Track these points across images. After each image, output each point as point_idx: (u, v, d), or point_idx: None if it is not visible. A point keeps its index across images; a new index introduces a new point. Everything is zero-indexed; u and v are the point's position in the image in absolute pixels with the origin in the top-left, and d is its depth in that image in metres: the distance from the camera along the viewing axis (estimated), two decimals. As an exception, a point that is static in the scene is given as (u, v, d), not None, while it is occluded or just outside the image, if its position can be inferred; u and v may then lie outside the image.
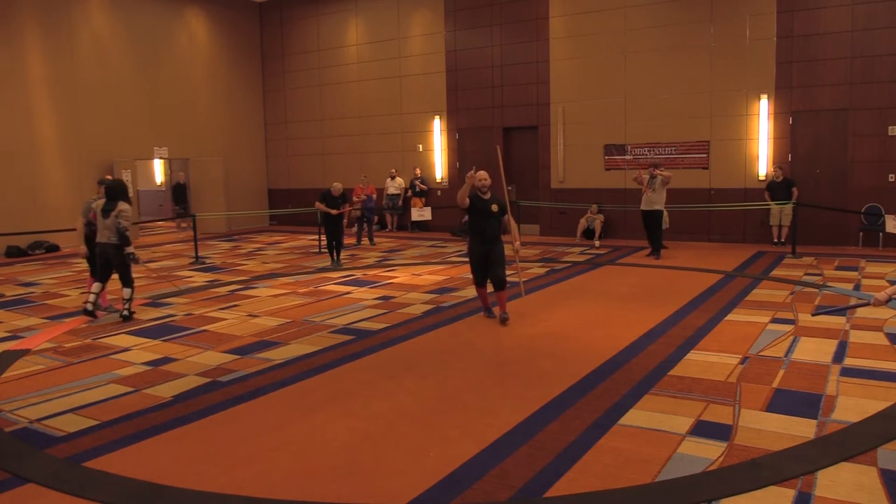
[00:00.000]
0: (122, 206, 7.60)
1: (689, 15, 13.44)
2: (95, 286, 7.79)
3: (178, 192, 16.58)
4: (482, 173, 7.35)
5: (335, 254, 11.57)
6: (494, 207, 7.17)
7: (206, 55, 18.20)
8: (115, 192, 7.69)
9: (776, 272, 9.96)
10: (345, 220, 11.81)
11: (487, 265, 7.20)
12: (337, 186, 11.64)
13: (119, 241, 7.55)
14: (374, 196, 14.92)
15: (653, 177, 11.35)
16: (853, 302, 7.17)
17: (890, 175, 12.07)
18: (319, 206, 11.45)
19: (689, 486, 3.56)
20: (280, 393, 5.22)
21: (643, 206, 11.55)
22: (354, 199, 14.76)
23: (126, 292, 7.79)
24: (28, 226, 13.66)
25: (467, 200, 7.16)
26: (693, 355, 5.87)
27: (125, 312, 7.76)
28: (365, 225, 14.80)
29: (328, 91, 18.38)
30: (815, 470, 3.69)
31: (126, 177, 13.60)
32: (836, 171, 12.55)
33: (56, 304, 8.80)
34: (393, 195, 16.53)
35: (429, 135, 16.78)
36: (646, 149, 14.10)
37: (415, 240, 15.18)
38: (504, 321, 7.18)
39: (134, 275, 7.99)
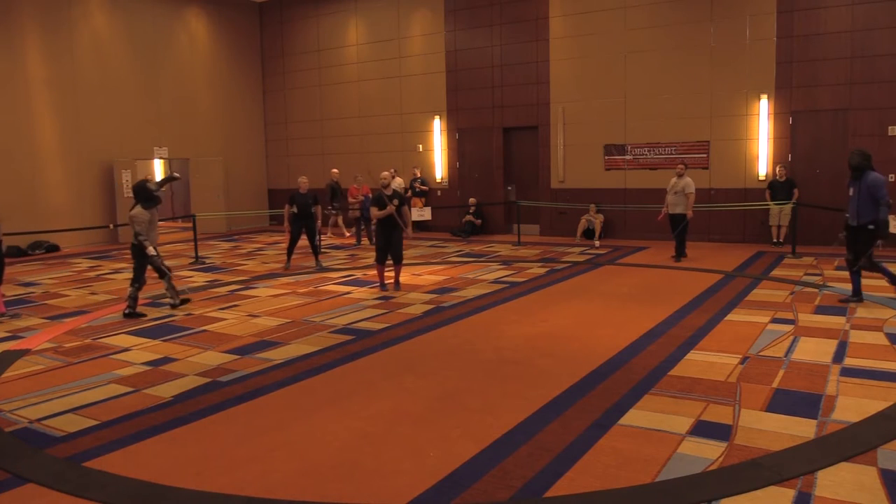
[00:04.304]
0: (132, 212, 7.98)
1: (689, 15, 13.44)
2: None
3: (334, 192, 15.92)
4: (384, 173, 9.31)
5: (316, 256, 11.34)
6: (395, 202, 8.87)
7: (206, 55, 18.20)
8: (133, 195, 8.10)
9: (776, 272, 9.96)
10: (318, 221, 11.38)
11: (389, 247, 8.97)
12: (303, 181, 11.28)
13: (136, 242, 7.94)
14: (370, 196, 14.85)
15: (680, 175, 11.29)
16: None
17: (890, 175, 12.06)
18: (287, 210, 11.12)
19: (689, 486, 3.56)
20: (280, 393, 5.22)
21: (669, 210, 11.46)
22: (351, 199, 14.75)
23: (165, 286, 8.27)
24: (28, 226, 13.65)
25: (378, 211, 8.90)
26: (693, 355, 5.87)
27: (126, 310, 7.96)
28: (364, 225, 14.81)
29: (328, 91, 18.38)
30: (815, 470, 3.69)
31: (126, 177, 13.60)
32: (836, 171, 12.53)
33: (56, 304, 8.80)
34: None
35: (429, 135, 16.78)
36: (646, 149, 14.10)
37: (414, 240, 15.17)
38: (398, 287, 9.19)
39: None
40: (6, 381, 5.63)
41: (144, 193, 7.93)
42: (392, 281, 9.37)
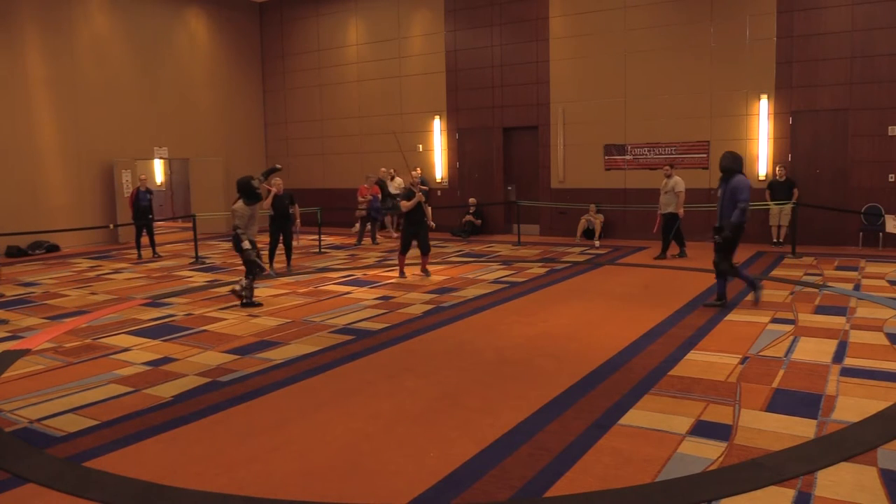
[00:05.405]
0: (234, 206, 8.24)
1: (689, 15, 13.44)
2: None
3: (384, 192, 15.63)
4: (414, 172, 10.59)
5: (289, 259, 11.16)
6: (422, 197, 9.91)
7: (206, 55, 18.20)
8: (237, 190, 8.29)
9: (776, 272, 9.96)
10: (297, 222, 11.36)
11: (417, 238, 9.95)
12: (277, 182, 11.15)
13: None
14: (379, 196, 14.88)
15: (668, 176, 11.45)
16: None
17: (890, 175, 12.07)
18: (267, 203, 10.95)
19: (689, 486, 3.56)
20: (280, 393, 5.22)
21: (660, 210, 11.66)
22: (360, 198, 14.78)
23: (242, 282, 8.39)
24: (28, 226, 13.67)
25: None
26: (693, 355, 5.87)
27: (241, 294, 8.33)
28: (368, 224, 14.83)
29: (328, 91, 18.38)
30: (815, 470, 3.69)
31: (126, 177, 13.60)
32: (836, 171, 12.55)
33: (56, 304, 8.80)
34: (393, 195, 16.49)
35: (429, 135, 16.79)
36: (646, 149, 14.10)
37: (415, 240, 15.15)
38: (428, 274, 10.16)
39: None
40: (6, 381, 5.63)
41: (248, 190, 8.16)
42: (418, 271, 10.25)
